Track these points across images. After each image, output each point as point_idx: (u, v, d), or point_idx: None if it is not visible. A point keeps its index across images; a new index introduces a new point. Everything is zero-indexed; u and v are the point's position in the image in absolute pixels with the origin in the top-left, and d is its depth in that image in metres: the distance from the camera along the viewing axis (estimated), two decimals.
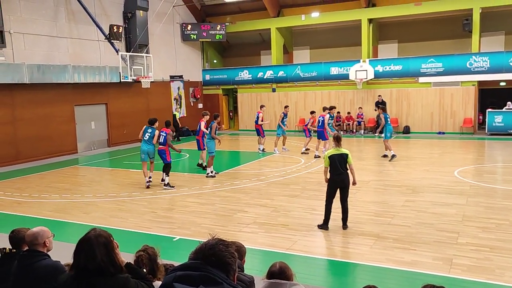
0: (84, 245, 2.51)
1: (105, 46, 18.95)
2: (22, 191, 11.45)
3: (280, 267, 3.09)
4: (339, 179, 7.45)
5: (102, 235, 2.56)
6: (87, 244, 2.50)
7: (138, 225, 8.24)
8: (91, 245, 2.49)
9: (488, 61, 19.15)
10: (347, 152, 7.56)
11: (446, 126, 20.37)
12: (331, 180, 7.51)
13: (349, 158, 7.51)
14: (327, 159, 7.48)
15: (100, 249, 2.49)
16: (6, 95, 15.52)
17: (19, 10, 15.99)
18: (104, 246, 2.51)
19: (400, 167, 13.06)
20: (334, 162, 7.42)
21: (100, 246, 2.50)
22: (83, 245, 2.51)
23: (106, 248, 2.52)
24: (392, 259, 6.23)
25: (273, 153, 15.87)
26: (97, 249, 2.48)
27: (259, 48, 26.25)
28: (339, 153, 7.50)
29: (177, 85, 23.79)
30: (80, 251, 2.50)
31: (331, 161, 7.43)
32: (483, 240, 6.84)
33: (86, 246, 2.50)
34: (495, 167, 13.04)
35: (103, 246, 2.51)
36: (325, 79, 22.49)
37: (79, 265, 2.49)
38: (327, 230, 7.54)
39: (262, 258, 6.56)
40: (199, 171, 13.28)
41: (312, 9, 22.68)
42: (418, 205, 8.87)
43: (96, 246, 2.49)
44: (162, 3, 20.01)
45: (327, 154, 7.56)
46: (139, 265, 3.25)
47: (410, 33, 22.27)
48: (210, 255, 1.78)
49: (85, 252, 2.48)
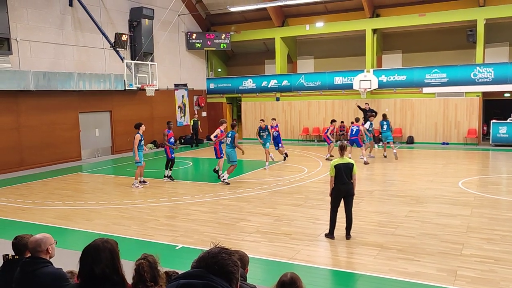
0: (91, 249, 2.60)
1: (110, 54, 19.09)
2: (26, 198, 11.47)
3: (292, 277, 3.04)
4: (344, 188, 7.43)
5: (109, 241, 2.67)
6: (94, 248, 2.60)
7: (140, 233, 8.23)
8: (98, 249, 2.59)
9: (492, 72, 19.14)
10: (353, 162, 7.57)
11: (450, 136, 20.31)
12: (336, 189, 7.48)
13: (355, 168, 7.50)
14: (333, 168, 7.44)
15: (106, 253, 2.58)
16: (12, 102, 15.62)
17: (26, 18, 16.15)
18: (109, 252, 2.60)
19: (404, 177, 13.01)
20: (340, 172, 7.39)
21: (106, 251, 2.59)
22: (90, 250, 2.60)
23: (111, 255, 2.60)
24: (396, 270, 6.18)
25: (277, 162, 15.86)
26: (102, 253, 2.57)
27: (263, 57, 26.36)
28: (344, 162, 7.49)
29: (182, 93, 23.88)
30: (87, 255, 2.59)
31: (337, 170, 7.40)
32: (487, 251, 6.78)
33: (93, 250, 2.59)
34: (500, 178, 12.97)
35: (109, 251, 2.60)
36: (329, 88, 22.52)
37: (85, 269, 2.56)
38: (333, 239, 7.51)
39: (265, 267, 6.52)
40: (202, 179, 13.27)
41: (316, 19, 22.79)
42: (422, 216, 8.82)
43: (102, 250, 2.58)
44: (167, 12, 20.16)
45: (333, 163, 7.53)
46: (140, 273, 3.24)
47: (414, 44, 22.32)
48: (213, 263, 1.77)
49: (91, 256, 2.57)
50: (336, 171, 7.41)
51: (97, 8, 18.62)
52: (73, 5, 17.65)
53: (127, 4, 20.21)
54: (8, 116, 15.55)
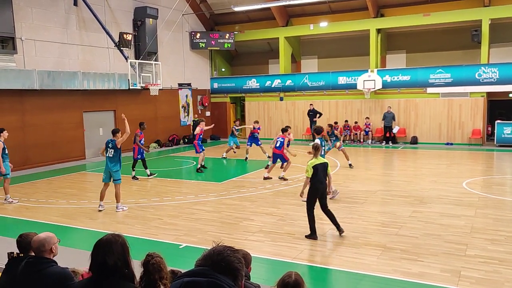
0: (104, 242, 2.68)
1: (114, 54, 19.14)
2: (30, 196, 11.52)
3: (296, 279, 2.98)
4: (321, 188, 7.60)
5: (120, 236, 2.76)
6: (106, 241, 2.68)
7: (144, 232, 8.24)
8: (110, 242, 2.67)
9: (497, 72, 19.06)
10: (327, 162, 7.81)
11: (455, 137, 20.24)
12: (314, 188, 7.58)
13: (329, 167, 7.76)
14: (311, 169, 7.55)
15: (118, 246, 2.67)
16: (16, 101, 15.69)
17: (31, 18, 16.21)
18: (121, 246, 2.69)
19: (407, 177, 12.98)
20: (317, 172, 7.54)
21: (117, 244, 2.68)
22: (103, 243, 2.69)
23: (123, 248, 2.69)
24: (399, 270, 6.17)
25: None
26: (114, 246, 2.66)
27: (267, 57, 26.35)
28: (321, 162, 7.66)
29: (185, 93, 23.91)
30: (99, 248, 2.67)
31: (315, 171, 7.54)
32: (492, 252, 6.75)
33: (105, 243, 2.67)
34: (504, 179, 12.91)
35: (120, 245, 2.69)
36: (332, 88, 22.50)
37: (97, 261, 2.63)
38: (316, 239, 7.54)
39: (268, 266, 6.53)
40: (205, 178, 13.28)
41: (320, 19, 22.76)
42: (426, 216, 8.79)
43: (114, 243, 2.67)
44: (171, 12, 20.20)
45: (311, 164, 7.62)
46: (149, 272, 3.27)
47: (418, 43, 22.25)
48: (219, 260, 1.77)
49: (104, 249, 2.65)
50: (314, 171, 7.54)
51: (102, 7, 18.68)
52: (77, 4, 17.70)
53: (132, 3, 20.26)
54: (13, 115, 15.61)
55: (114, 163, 9.78)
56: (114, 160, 9.78)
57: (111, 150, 9.79)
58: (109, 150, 9.82)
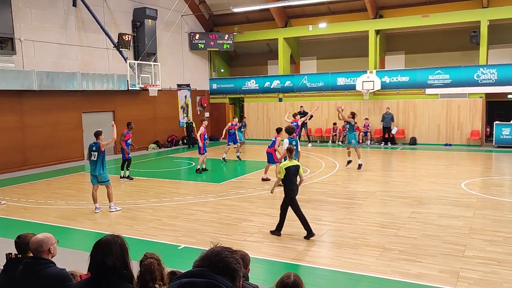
0: (103, 243, 2.68)
1: (113, 54, 19.13)
2: (29, 197, 11.51)
3: (295, 280, 2.98)
4: (295, 189, 7.75)
5: (119, 236, 2.76)
6: (106, 242, 2.68)
7: (143, 233, 8.24)
8: (109, 243, 2.67)
9: (495, 73, 19.08)
10: (299, 164, 8.00)
11: (453, 138, 20.27)
12: (289, 190, 7.70)
13: (300, 169, 7.88)
14: (283, 171, 7.68)
15: (117, 247, 2.67)
16: (15, 102, 15.68)
17: (30, 18, 16.20)
18: (120, 246, 2.69)
19: (406, 178, 12.99)
20: (290, 174, 7.68)
21: (116, 245, 2.67)
22: (102, 243, 2.68)
23: (122, 249, 2.69)
24: (398, 271, 6.18)
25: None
26: (113, 247, 2.65)
27: (266, 58, 26.36)
28: (294, 164, 7.81)
29: (184, 94, 23.91)
30: (98, 249, 2.66)
31: (288, 172, 7.66)
32: (490, 253, 6.76)
33: (104, 243, 2.67)
34: (503, 180, 12.93)
35: (119, 246, 2.68)
36: (331, 89, 22.52)
37: (96, 261, 2.63)
38: (280, 236, 7.74)
39: (267, 268, 6.53)
40: (204, 179, 13.28)
41: (319, 20, 22.78)
42: (425, 217, 8.80)
43: (113, 244, 2.67)
44: (170, 13, 20.20)
45: (284, 165, 7.78)
46: (149, 272, 3.27)
47: (417, 45, 22.28)
48: (217, 261, 1.77)
49: (102, 249, 2.65)
50: (287, 173, 7.65)
51: (101, 8, 18.67)
52: (76, 5, 17.70)
53: (131, 4, 20.26)
54: (12, 116, 15.60)
55: (98, 166, 9.74)
56: (98, 163, 9.74)
57: (94, 153, 9.72)
58: (92, 153, 9.74)
